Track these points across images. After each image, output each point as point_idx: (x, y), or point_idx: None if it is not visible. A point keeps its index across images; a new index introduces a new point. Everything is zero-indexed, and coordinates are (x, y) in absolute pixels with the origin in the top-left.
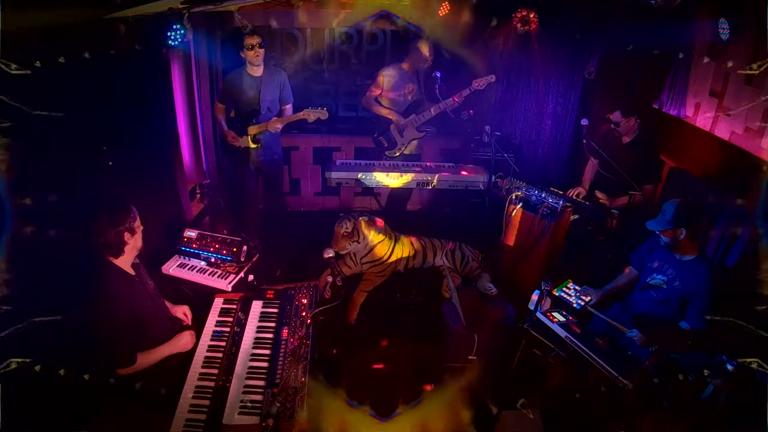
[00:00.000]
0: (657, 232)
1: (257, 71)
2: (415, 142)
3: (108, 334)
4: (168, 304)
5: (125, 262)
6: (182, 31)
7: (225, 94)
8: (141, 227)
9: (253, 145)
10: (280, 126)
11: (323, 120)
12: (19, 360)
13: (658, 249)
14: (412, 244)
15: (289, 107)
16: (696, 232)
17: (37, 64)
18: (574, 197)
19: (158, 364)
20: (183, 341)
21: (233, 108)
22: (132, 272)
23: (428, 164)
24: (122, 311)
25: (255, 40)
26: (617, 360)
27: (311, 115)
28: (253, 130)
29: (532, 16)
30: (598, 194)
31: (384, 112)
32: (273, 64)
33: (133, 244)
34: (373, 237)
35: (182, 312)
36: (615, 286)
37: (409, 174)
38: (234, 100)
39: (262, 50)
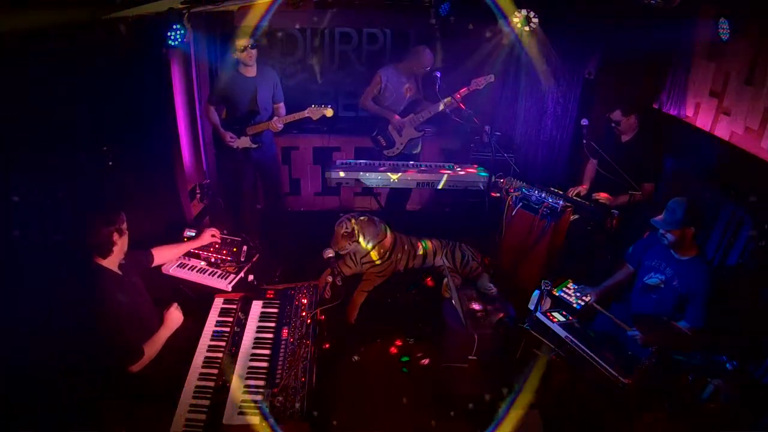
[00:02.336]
0: (661, 232)
1: (251, 72)
2: (414, 142)
3: (113, 334)
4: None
5: (113, 263)
6: (182, 31)
7: (218, 95)
8: (127, 231)
9: (253, 146)
10: (281, 125)
11: (325, 119)
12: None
13: (657, 247)
14: (412, 243)
15: (281, 105)
16: (699, 231)
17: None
18: (575, 196)
19: (159, 362)
20: (173, 318)
21: (225, 109)
22: (119, 273)
23: (428, 164)
24: (120, 310)
25: (248, 42)
26: (617, 360)
27: (316, 112)
28: (252, 130)
29: (532, 15)
30: (598, 195)
31: (382, 112)
32: (264, 63)
33: (121, 245)
34: (373, 237)
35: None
36: (613, 283)
37: (408, 174)
38: (228, 101)
39: (254, 51)
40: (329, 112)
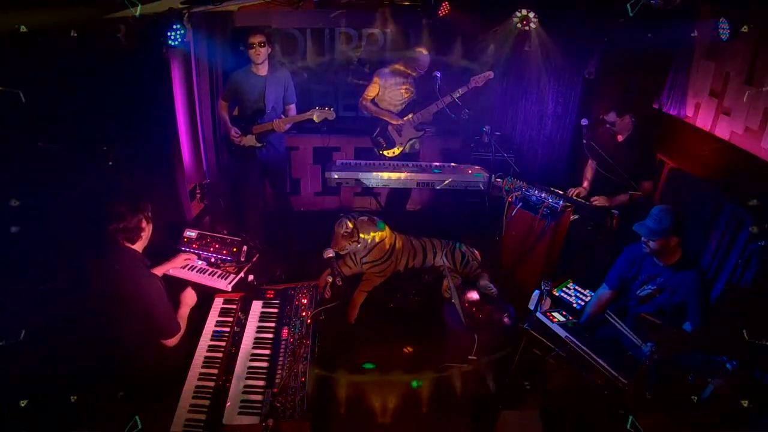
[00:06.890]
0: (643, 240)
1: (262, 70)
2: (414, 142)
3: (155, 309)
4: None
5: (140, 248)
6: (182, 31)
7: (229, 92)
8: (152, 220)
9: (258, 144)
10: (286, 126)
11: (329, 120)
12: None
13: (642, 262)
14: (412, 244)
15: (292, 107)
16: (682, 240)
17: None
18: (574, 197)
19: (158, 362)
20: (189, 295)
21: (237, 106)
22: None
23: (428, 164)
24: (153, 288)
25: (256, 39)
26: (617, 360)
27: (318, 115)
28: (257, 129)
29: (532, 15)
30: (594, 199)
31: (381, 113)
32: (279, 63)
33: (147, 233)
34: (373, 237)
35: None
36: (590, 316)
37: (408, 174)
38: (238, 98)
39: (263, 49)
40: (331, 115)
